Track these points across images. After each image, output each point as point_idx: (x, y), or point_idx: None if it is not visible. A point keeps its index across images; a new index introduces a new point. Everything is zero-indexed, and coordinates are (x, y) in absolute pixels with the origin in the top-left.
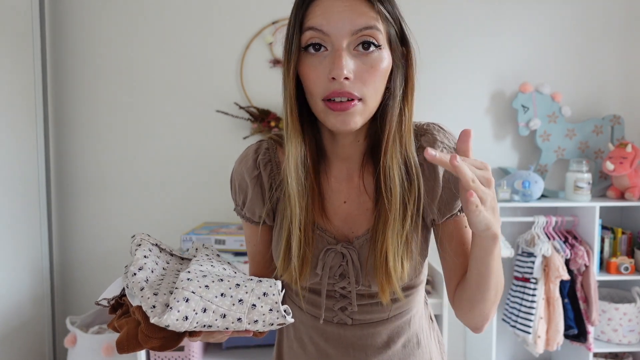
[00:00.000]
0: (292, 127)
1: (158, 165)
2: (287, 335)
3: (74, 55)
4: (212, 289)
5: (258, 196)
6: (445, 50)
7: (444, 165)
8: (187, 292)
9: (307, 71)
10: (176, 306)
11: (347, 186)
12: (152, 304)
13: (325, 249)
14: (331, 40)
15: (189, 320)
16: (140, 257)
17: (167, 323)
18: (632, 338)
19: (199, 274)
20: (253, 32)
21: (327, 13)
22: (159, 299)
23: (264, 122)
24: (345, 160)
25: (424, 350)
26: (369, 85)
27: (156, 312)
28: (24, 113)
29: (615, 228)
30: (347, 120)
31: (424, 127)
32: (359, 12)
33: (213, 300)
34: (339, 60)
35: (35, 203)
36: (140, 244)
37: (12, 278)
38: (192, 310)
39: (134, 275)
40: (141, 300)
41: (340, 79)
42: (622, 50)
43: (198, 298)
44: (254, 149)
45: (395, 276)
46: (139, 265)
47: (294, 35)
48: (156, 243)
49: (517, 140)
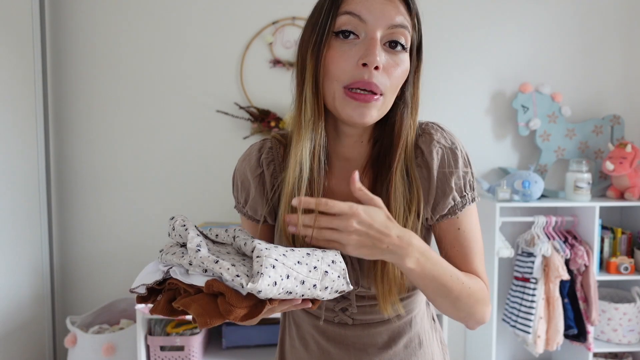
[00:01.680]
0: (314, 115)
1: (158, 165)
2: (289, 334)
3: (74, 55)
4: (290, 257)
5: (260, 195)
6: (446, 50)
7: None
8: (271, 259)
9: (334, 55)
10: (267, 272)
11: (347, 188)
12: (235, 273)
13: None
14: (366, 28)
15: (277, 286)
16: (194, 236)
17: (260, 289)
18: (632, 338)
19: (269, 245)
20: (253, 32)
21: (367, 2)
22: (238, 269)
23: (264, 122)
24: (347, 161)
25: (426, 350)
26: (392, 81)
27: (245, 280)
28: (24, 113)
29: (615, 228)
30: (364, 112)
31: (422, 126)
32: (397, 10)
33: (293, 267)
34: (374, 48)
35: (35, 203)
36: (185, 224)
37: (12, 278)
38: (279, 275)
39: (198, 251)
40: (221, 271)
41: (373, 66)
42: (622, 50)
43: (281, 265)
44: (258, 147)
45: (396, 287)
46: (197, 243)
47: (329, 18)
48: (195, 225)
49: (517, 140)
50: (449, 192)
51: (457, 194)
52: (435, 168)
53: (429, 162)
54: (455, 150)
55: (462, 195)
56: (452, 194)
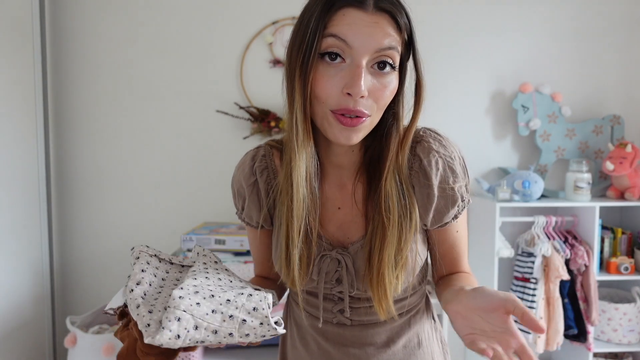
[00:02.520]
0: (305, 136)
1: (158, 165)
2: (290, 335)
3: (74, 55)
4: (203, 306)
5: (255, 202)
6: (446, 51)
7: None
8: (178, 312)
9: (320, 79)
10: (168, 326)
11: (341, 193)
12: (147, 323)
13: (321, 255)
14: (352, 53)
15: (182, 339)
16: (138, 272)
17: (160, 342)
18: (632, 338)
19: (191, 289)
20: (253, 32)
21: (354, 25)
22: (153, 316)
23: (264, 122)
24: (339, 168)
25: (425, 350)
26: (380, 102)
27: (150, 332)
28: (24, 113)
29: (615, 228)
30: (351, 136)
31: (420, 133)
32: (385, 32)
33: (204, 318)
34: (359, 79)
35: (35, 203)
36: (138, 256)
37: (13, 278)
38: (183, 328)
39: (132, 292)
40: (137, 318)
41: (358, 97)
42: (622, 50)
43: (189, 316)
44: (251, 156)
45: (390, 290)
46: (137, 280)
47: (315, 39)
48: (155, 254)
49: (517, 140)
50: (452, 201)
51: (460, 201)
52: (435, 178)
53: (428, 171)
54: (455, 159)
55: (462, 200)
56: (457, 203)
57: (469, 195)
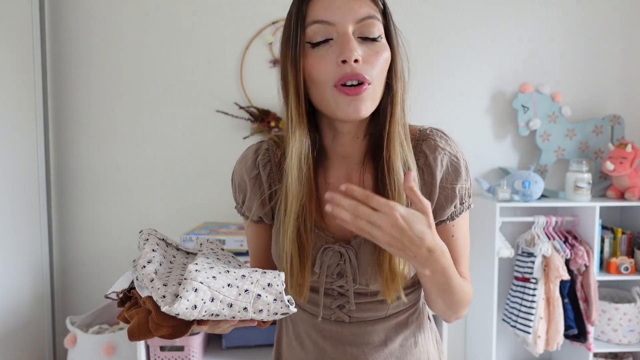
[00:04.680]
0: (298, 120)
1: (158, 165)
2: (286, 333)
3: (74, 55)
4: (219, 280)
5: (257, 196)
6: (445, 51)
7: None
8: (195, 283)
9: (313, 63)
10: (185, 295)
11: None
12: (162, 294)
13: (323, 248)
14: (336, 29)
15: (198, 309)
16: (148, 251)
17: (177, 312)
18: (632, 338)
19: (205, 265)
20: (253, 32)
21: (329, 5)
22: (168, 289)
23: (264, 122)
24: (345, 159)
25: (421, 349)
26: (376, 68)
27: (166, 302)
28: (24, 113)
29: (615, 228)
30: (359, 106)
31: (427, 132)
32: (360, 3)
33: (220, 290)
34: (348, 43)
35: (35, 203)
36: (147, 238)
37: (12, 278)
38: (200, 299)
39: (144, 268)
40: (151, 290)
41: (351, 60)
42: (622, 50)
43: (206, 288)
44: (254, 149)
45: (399, 274)
46: (148, 258)
47: (298, 30)
48: (163, 238)
49: (517, 140)
50: (452, 199)
51: (458, 201)
52: (439, 174)
53: (433, 167)
54: (459, 159)
55: (461, 202)
56: (455, 201)
57: (470, 200)
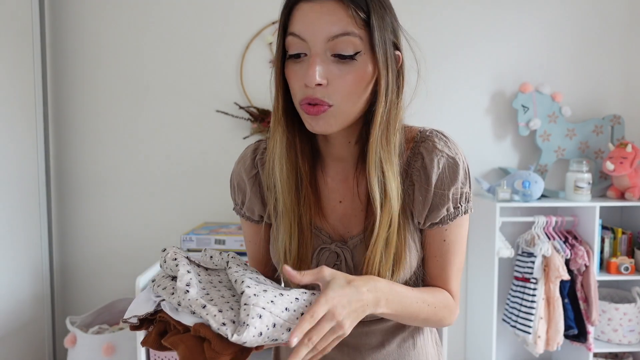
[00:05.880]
0: (276, 123)
1: (158, 165)
2: None
3: (74, 56)
4: (278, 304)
5: (256, 195)
6: (445, 51)
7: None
8: (258, 309)
9: (289, 74)
10: (252, 323)
11: (343, 186)
12: (221, 322)
13: (320, 248)
14: (308, 46)
15: (263, 336)
16: (184, 273)
17: (245, 340)
18: (632, 338)
19: (258, 288)
20: (253, 32)
21: (304, 19)
22: (225, 315)
23: (264, 122)
24: (340, 161)
25: (419, 351)
26: (340, 92)
27: (231, 330)
28: (24, 113)
29: (615, 228)
30: (320, 123)
31: (427, 133)
32: (335, 18)
33: (280, 315)
34: (311, 67)
35: (35, 203)
36: (176, 257)
37: (12, 278)
38: (265, 326)
39: (187, 293)
40: (207, 318)
41: (312, 85)
42: (622, 50)
43: (268, 314)
44: (252, 149)
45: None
46: (186, 282)
47: (280, 40)
48: (186, 256)
49: (517, 140)
50: (446, 202)
51: (452, 205)
52: (434, 177)
53: (429, 169)
54: (458, 161)
55: (456, 206)
56: (447, 205)
57: (468, 205)
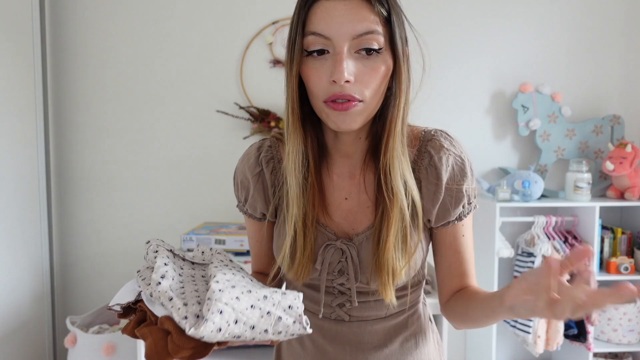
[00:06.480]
0: (293, 126)
1: (158, 165)
2: None
3: (74, 55)
4: (243, 301)
5: (260, 193)
6: (445, 50)
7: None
8: (220, 304)
9: (309, 73)
10: (211, 318)
11: (349, 183)
12: (183, 315)
13: (325, 245)
14: (332, 44)
15: (222, 332)
16: (161, 265)
17: (202, 334)
18: (632, 338)
19: (227, 284)
20: (253, 32)
21: (327, 17)
22: (189, 309)
23: (264, 122)
24: (348, 157)
25: (421, 350)
26: (369, 87)
27: (190, 323)
28: (24, 113)
29: (615, 228)
30: (347, 119)
31: (432, 132)
32: (360, 17)
33: (244, 312)
34: (340, 65)
35: (35, 203)
36: (157, 250)
37: (12, 278)
38: (225, 322)
39: (159, 285)
40: (172, 310)
41: (341, 82)
42: (622, 50)
43: (230, 310)
44: (257, 147)
45: (395, 275)
46: (161, 274)
47: (297, 38)
48: (170, 249)
49: (517, 140)
50: (460, 199)
51: (466, 201)
52: (445, 175)
53: (439, 167)
54: (465, 160)
55: (469, 202)
56: (463, 202)
57: (476, 201)
